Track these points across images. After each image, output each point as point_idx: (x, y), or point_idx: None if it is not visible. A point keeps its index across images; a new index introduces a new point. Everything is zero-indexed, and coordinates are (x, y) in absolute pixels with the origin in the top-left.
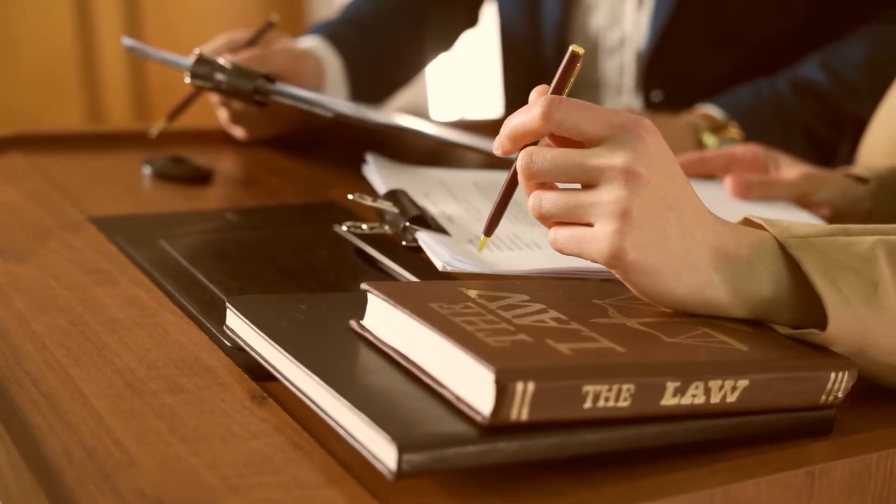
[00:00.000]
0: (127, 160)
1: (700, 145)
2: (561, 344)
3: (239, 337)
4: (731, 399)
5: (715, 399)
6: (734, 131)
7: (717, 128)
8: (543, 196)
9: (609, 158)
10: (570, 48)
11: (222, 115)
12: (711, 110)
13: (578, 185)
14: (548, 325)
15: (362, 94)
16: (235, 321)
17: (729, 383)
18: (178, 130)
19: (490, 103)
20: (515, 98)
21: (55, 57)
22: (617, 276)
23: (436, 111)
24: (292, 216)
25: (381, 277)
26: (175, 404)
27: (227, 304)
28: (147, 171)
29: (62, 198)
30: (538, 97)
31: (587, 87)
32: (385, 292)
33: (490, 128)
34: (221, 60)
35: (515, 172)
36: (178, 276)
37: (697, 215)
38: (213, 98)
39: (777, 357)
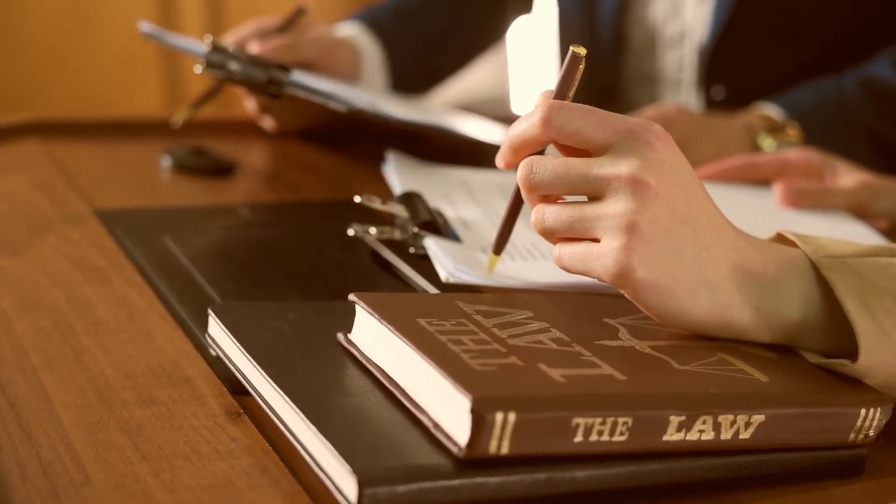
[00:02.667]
0: (147, 150)
1: (756, 148)
2: (555, 369)
3: (219, 347)
4: (744, 435)
5: (726, 435)
6: (793, 133)
7: (775, 129)
8: (546, 210)
9: (614, 167)
10: (571, 49)
11: (250, 104)
12: (770, 110)
13: (584, 198)
14: (545, 347)
15: (403, 84)
16: (217, 330)
17: (742, 418)
18: (203, 120)
19: None
20: None
21: (136, 41)
22: (626, 295)
23: (517, 103)
24: (309, 214)
25: (394, 284)
26: (144, 418)
27: (209, 312)
28: (166, 162)
29: (71, 188)
30: (542, 102)
31: (645, 81)
32: (371, 304)
33: None
34: (232, 49)
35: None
36: (175, 276)
37: (716, 230)
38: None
39: (799, 390)
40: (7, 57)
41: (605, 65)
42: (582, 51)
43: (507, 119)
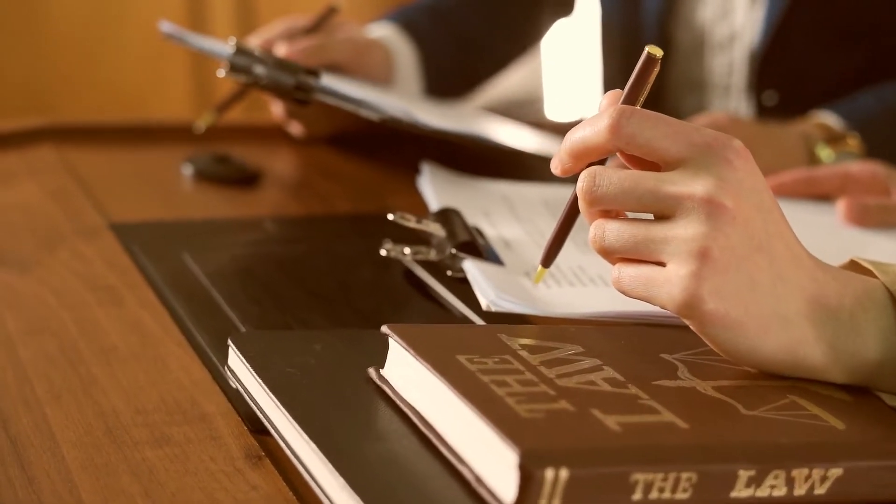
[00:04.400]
0: (167, 157)
1: (813, 159)
2: (610, 416)
3: (239, 381)
4: (819, 491)
5: (799, 491)
6: (853, 143)
7: (833, 139)
8: (607, 226)
9: (688, 185)
10: (646, 49)
11: (277, 108)
12: (828, 118)
13: (650, 215)
14: (598, 389)
15: (438, 88)
16: (237, 362)
17: (818, 472)
18: (227, 125)
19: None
20: None
21: (163, 39)
22: (691, 327)
23: (551, 109)
24: (339, 228)
25: (430, 309)
26: (156, 460)
27: (229, 342)
28: (187, 170)
29: (86, 199)
30: (608, 105)
31: (692, 86)
32: (406, 338)
33: None
34: (258, 51)
35: (577, 197)
36: (193, 297)
37: (793, 258)
38: None
39: (880, 438)
40: (32, 55)
41: None
42: (658, 52)
43: (541, 124)
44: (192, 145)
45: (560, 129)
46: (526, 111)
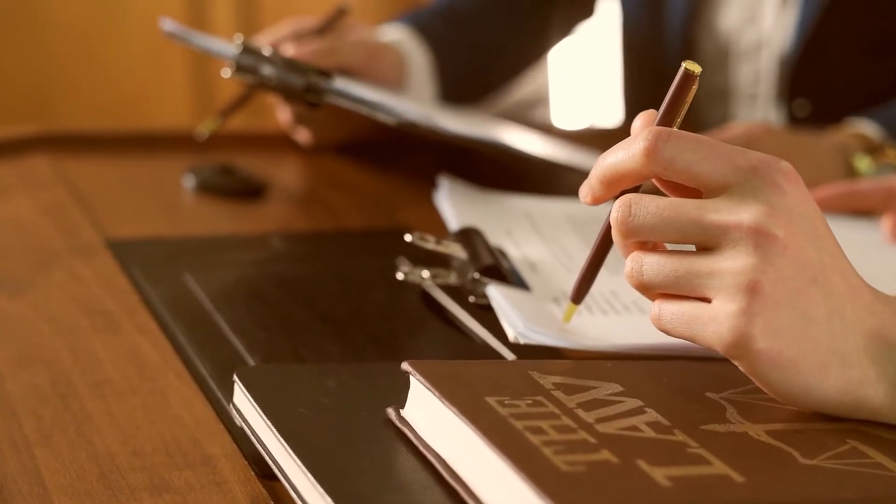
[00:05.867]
0: (168, 167)
1: (851, 171)
2: (657, 468)
3: (245, 420)
4: None
5: None
6: (892, 155)
7: (872, 149)
8: (645, 260)
9: (734, 213)
10: (683, 65)
11: (284, 114)
12: (865, 128)
13: (692, 247)
14: (642, 436)
15: (452, 94)
16: (243, 401)
17: None
18: (231, 133)
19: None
20: (634, 107)
21: (164, 38)
22: (741, 368)
23: (559, 118)
24: (350, 245)
25: (449, 334)
26: None
27: (235, 378)
28: (189, 182)
29: (82, 213)
30: (642, 127)
31: (716, 95)
32: (430, 377)
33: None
34: (266, 51)
35: (610, 227)
36: (195, 322)
37: (850, 290)
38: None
39: None
40: (32, 51)
41: (673, 77)
42: (696, 68)
43: (551, 128)
44: (193, 155)
45: (569, 135)
46: (537, 112)
